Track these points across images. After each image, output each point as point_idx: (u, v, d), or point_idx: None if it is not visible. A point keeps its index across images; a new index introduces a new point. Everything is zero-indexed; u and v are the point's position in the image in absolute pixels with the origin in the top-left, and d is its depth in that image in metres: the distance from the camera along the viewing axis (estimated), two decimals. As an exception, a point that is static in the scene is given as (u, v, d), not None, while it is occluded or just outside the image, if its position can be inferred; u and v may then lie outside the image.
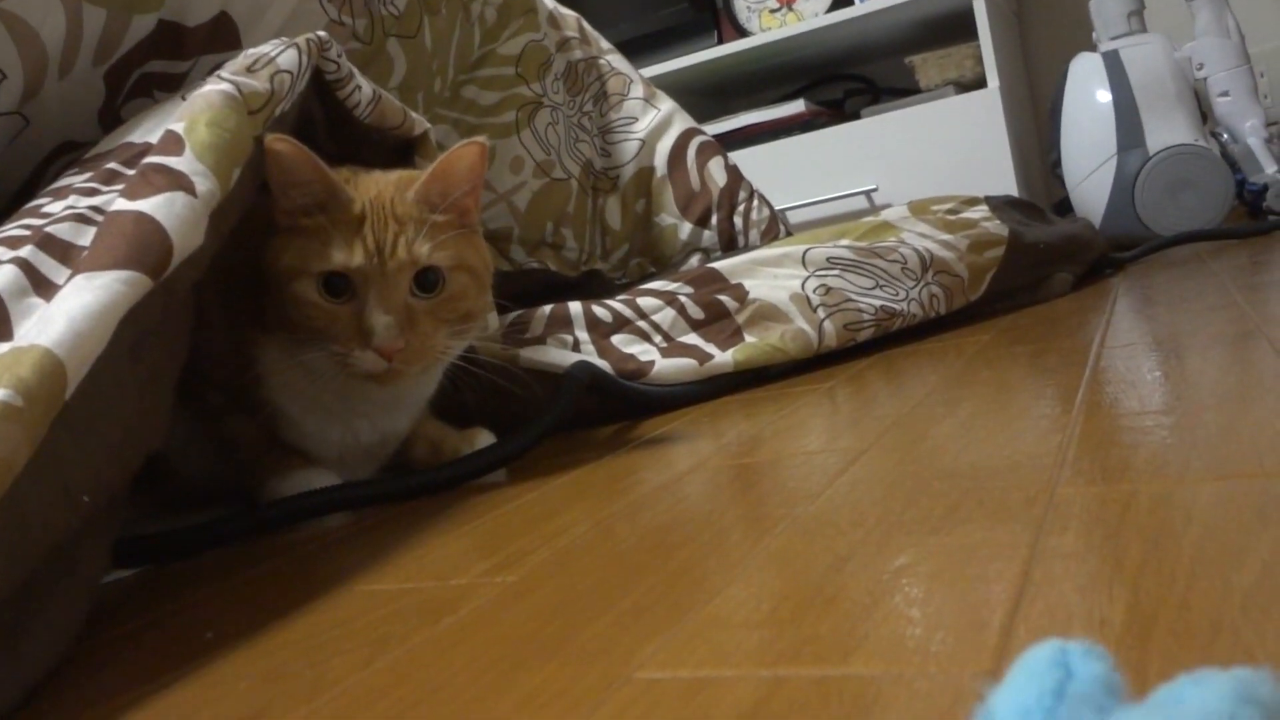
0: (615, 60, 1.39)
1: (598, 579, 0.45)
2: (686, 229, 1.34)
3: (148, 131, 0.69)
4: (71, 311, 0.50)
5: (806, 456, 0.61)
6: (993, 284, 1.09)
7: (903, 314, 1.02)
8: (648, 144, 1.36)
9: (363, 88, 0.78)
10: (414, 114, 0.83)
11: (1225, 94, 1.62)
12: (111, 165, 0.65)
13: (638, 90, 1.38)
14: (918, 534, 0.42)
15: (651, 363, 0.93)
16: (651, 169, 1.35)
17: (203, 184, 0.60)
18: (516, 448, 0.76)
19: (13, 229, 0.59)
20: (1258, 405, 0.52)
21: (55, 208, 0.61)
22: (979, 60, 1.84)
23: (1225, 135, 1.65)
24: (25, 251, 0.56)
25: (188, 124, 0.63)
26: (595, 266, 1.30)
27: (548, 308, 0.95)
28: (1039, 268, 1.17)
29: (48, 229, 0.58)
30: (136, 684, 0.43)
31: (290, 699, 0.38)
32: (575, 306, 0.95)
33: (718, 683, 0.31)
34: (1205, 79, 1.63)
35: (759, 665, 0.32)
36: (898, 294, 1.02)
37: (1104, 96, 1.61)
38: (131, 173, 0.61)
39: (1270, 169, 1.57)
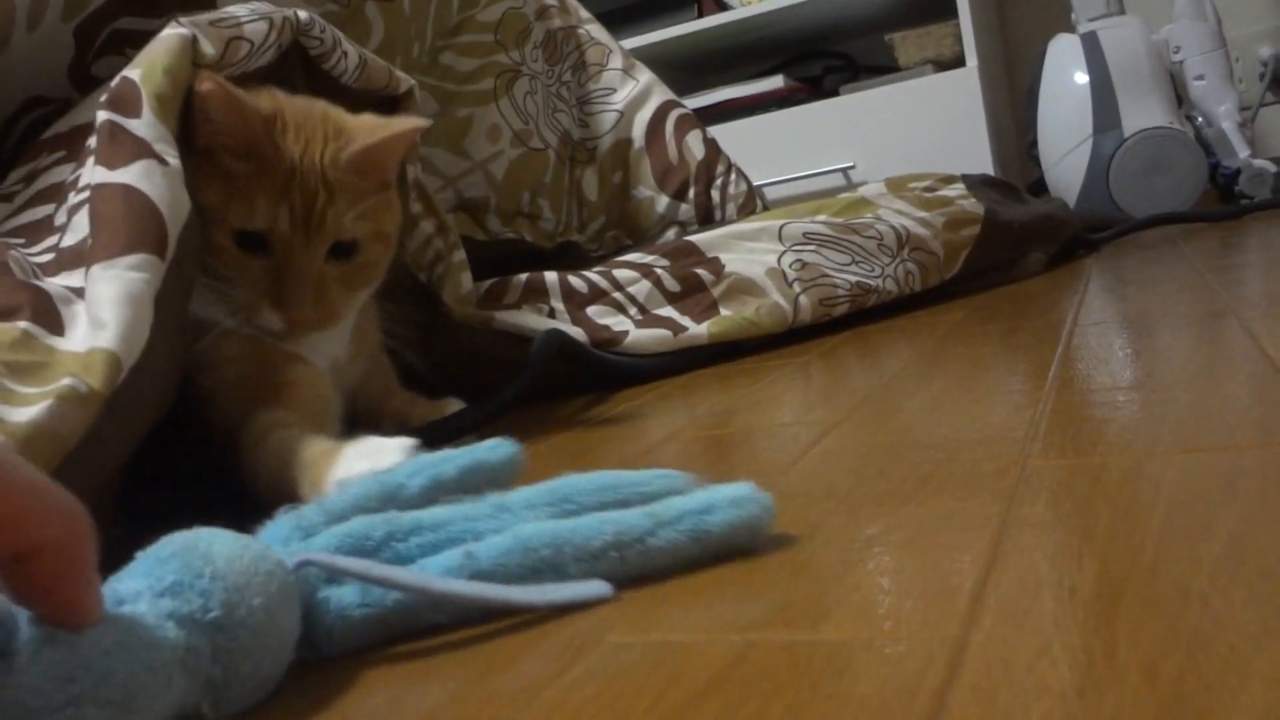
0: (594, 30, 1.38)
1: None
2: (663, 202, 1.33)
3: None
4: (121, 313, 0.52)
5: (779, 428, 0.61)
6: (968, 262, 1.09)
7: (878, 290, 1.02)
8: (626, 115, 1.35)
9: (349, 54, 0.77)
10: (398, 72, 0.82)
11: (1201, 78, 1.63)
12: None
13: (616, 61, 1.37)
14: (889, 504, 0.42)
15: (625, 332, 0.93)
16: (629, 141, 1.34)
17: (169, 154, 0.60)
18: (483, 413, 0.76)
19: (41, 254, 0.60)
20: (1227, 381, 0.53)
21: (61, 217, 0.61)
22: (958, 39, 1.84)
23: (1200, 119, 1.66)
24: (60, 278, 0.57)
25: (145, 70, 0.62)
26: (571, 238, 1.29)
27: (524, 276, 0.94)
28: (1014, 247, 1.17)
29: (62, 244, 0.59)
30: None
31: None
32: (551, 276, 0.95)
33: (688, 647, 0.31)
34: (1181, 62, 1.64)
35: (729, 630, 0.32)
36: (873, 270, 1.03)
37: (1081, 78, 1.61)
38: (94, 140, 0.60)
39: (1243, 153, 1.58)
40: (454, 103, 1.17)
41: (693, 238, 1.03)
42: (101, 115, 0.60)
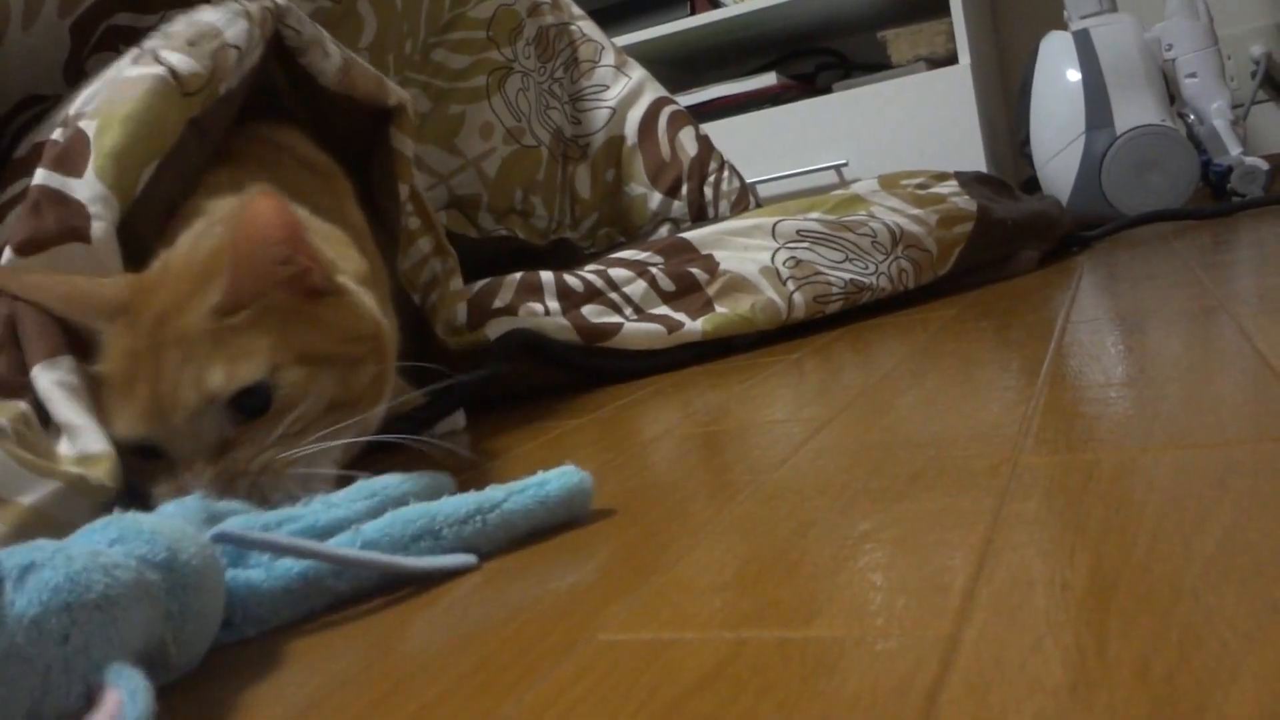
0: (587, 26, 1.38)
1: (559, 543, 0.44)
2: (656, 199, 1.33)
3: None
4: (83, 412, 0.52)
5: (772, 425, 0.61)
6: (960, 259, 1.09)
7: (872, 287, 1.02)
8: (618, 112, 1.34)
9: (331, 55, 0.76)
10: (391, 84, 0.81)
11: (1193, 75, 1.63)
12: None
13: (609, 58, 1.37)
14: (882, 501, 0.42)
15: (620, 324, 0.92)
16: (622, 138, 1.34)
17: (100, 219, 0.59)
18: (441, 409, 0.75)
19: None
20: (1219, 378, 0.53)
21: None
22: (951, 36, 1.84)
23: (1192, 116, 1.66)
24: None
25: (101, 123, 0.61)
26: (564, 235, 1.29)
27: (518, 275, 0.94)
28: (1006, 244, 1.17)
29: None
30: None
31: (241, 663, 0.37)
32: (547, 275, 0.94)
33: (680, 644, 0.31)
34: (1174, 60, 1.64)
35: (722, 627, 0.32)
36: (867, 267, 1.02)
37: (1073, 75, 1.61)
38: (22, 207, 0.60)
39: (1235, 150, 1.58)
40: (446, 100, 1.17)
41: (686, 235, 1.03)
42: (39, 178, 0.59)
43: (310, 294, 0.54)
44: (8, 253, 0.58)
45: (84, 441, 0.51)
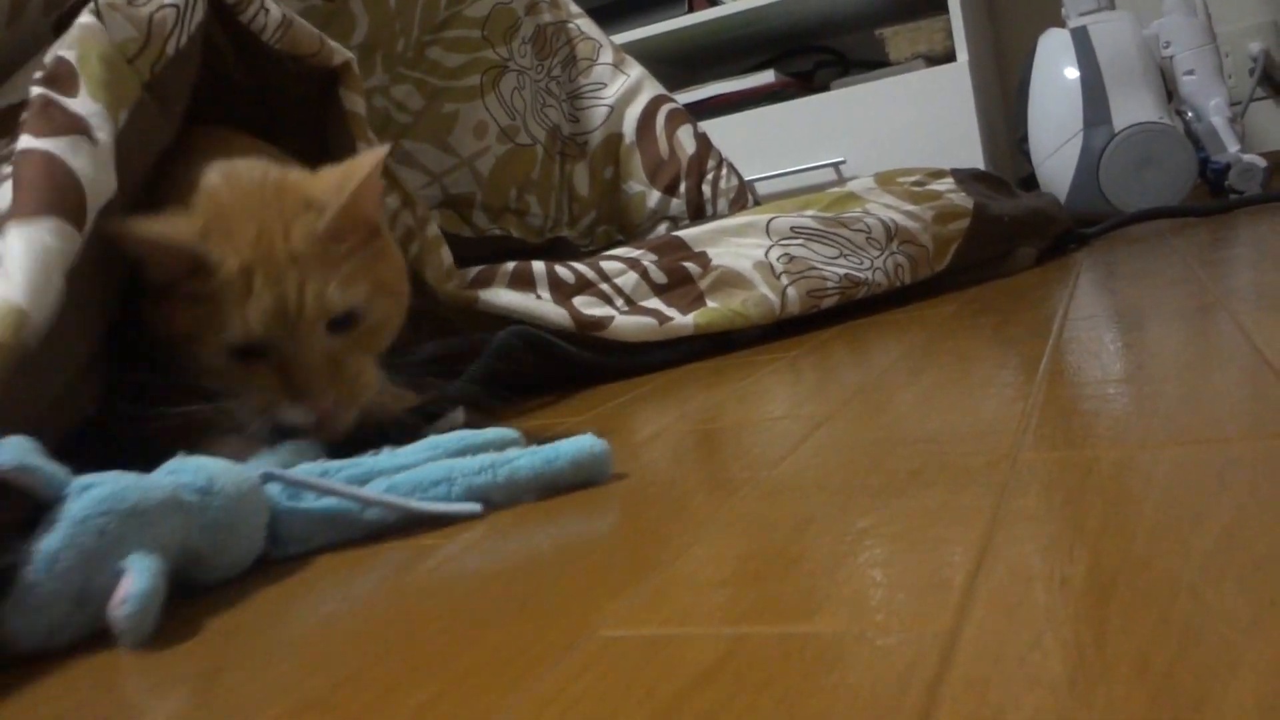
0: (585, 24, 1.37)
1: (561, 541, 0.44)
2: (655, 197, 1.33)
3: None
4: (27, 267, 0.51)
5: (770, 423, 0.61)
6: (957, 256, 1.09)
7: (867, 282, 1.02)
8: (616, 110, 1.34)
9: (270, 10, 0.74)
10: (331, 42, 0.79)
11: (1191, 72, 1.63)
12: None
13: (607, 56, 1.37)
14: (881, 497, 0.42)
15: (611, 317, 0.92)
16: (620, 135, 1.34)
17: (101, 130, 0.59)
18: (445, 403, 0.76)
19: None
20: (1218, 374, 0.53)
21: None
22: (949, 34, 1.84)
23: (1190, 113, 1.67)
24: None
25: (80, 53, 0.61)
26: (561, 233, 1.29)
27: (511, 264, 0.94)
28: (1004, 241, 1.17)
29: None
30: (93, 642, 0.42)
31: (247, 656, 0.37)
32: (539, 265, 0.95)
33: (680, 640, 0.31)
34: (1171, 57, 1.65)
35: (722, 623, 0.32)
36: (862, 263, 1.03)
37: (1071, 73, 1.62)
38: (26, 114, 0.60)
39: (1233, 148, 1.59)
40: (440, 98, 1.17)
41: (680, 233, 1.03)
42: (36, 90, 0.59)
43: (374, 233, 0.64)
44: (26, 139, 0.56)
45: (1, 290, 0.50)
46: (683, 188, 1.32)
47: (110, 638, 0.40)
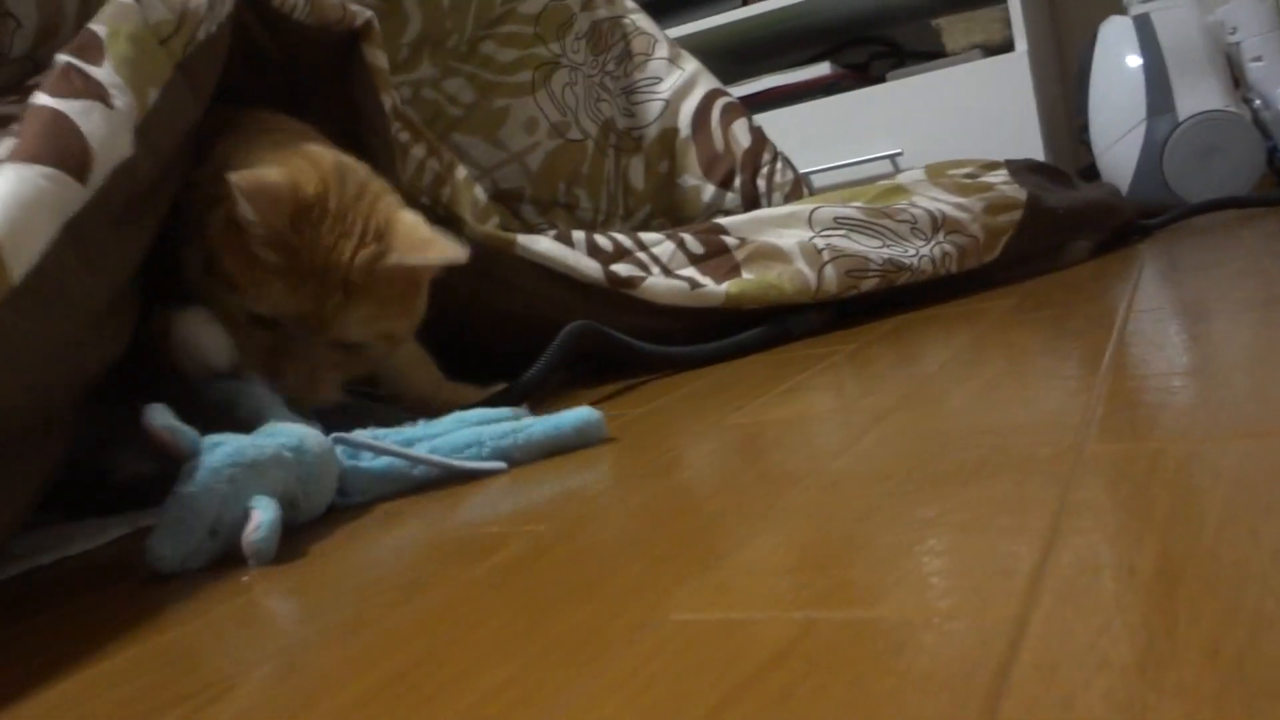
0: (640, 20, 1.38)
1: (627, 529, 0.45)
2: (709, 191, 1.33)
3: None
4: (4, 197, 0.52)
5: (830, 415, 0.61)
6: (1009, 247, 1.08)
7: (911, 269, 1.00)
8: (672, 104, 1.35)
9: None
10: (352, 5, 0.83)
11: (1258, 59, 1.60)
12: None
13: (662, 50, 1.37)
14: (945, 488, 0.42)
15: (643, 277, 0.94)
16: (675, 130, 1.35)
17: (119, 98, 0.61)
18: (515, 395, 0.80)
19: None
20: (1287, 367, 0.52)
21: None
22: (1006, 23, 1.82)
23: (1258, 101, 1.63)
24: None
25: (110, 30, 0.63)
26: (614, 227, 1.30)
27: (552, 231, 0.96)
28: (1058, 233, 1.16)
29: None
30: (182, 619, 0.44)
31: (328, 636, 0.39)
32: (578, 234, 0.96)
33: (750, 624, 0.32)
34: (1238, 43, 1.61)
35: (790, 608, 0.33)
36: (906, 251, 1.02)
37: (1134, 61, 1.59)
38: (45, 77, 0.62)
39: (1302, 136, 1.55)
40: (492, 93, 1.18)
41: (722, 220, 1.04)
42: (62, 58, 0.62)
43: (417, 289, 0.73)
44: (40, 96, 0.59)
45: None
46: (737, 182, 1.33)
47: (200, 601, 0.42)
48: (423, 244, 0.69)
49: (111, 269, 0.60)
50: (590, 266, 0.93)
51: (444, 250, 0.69)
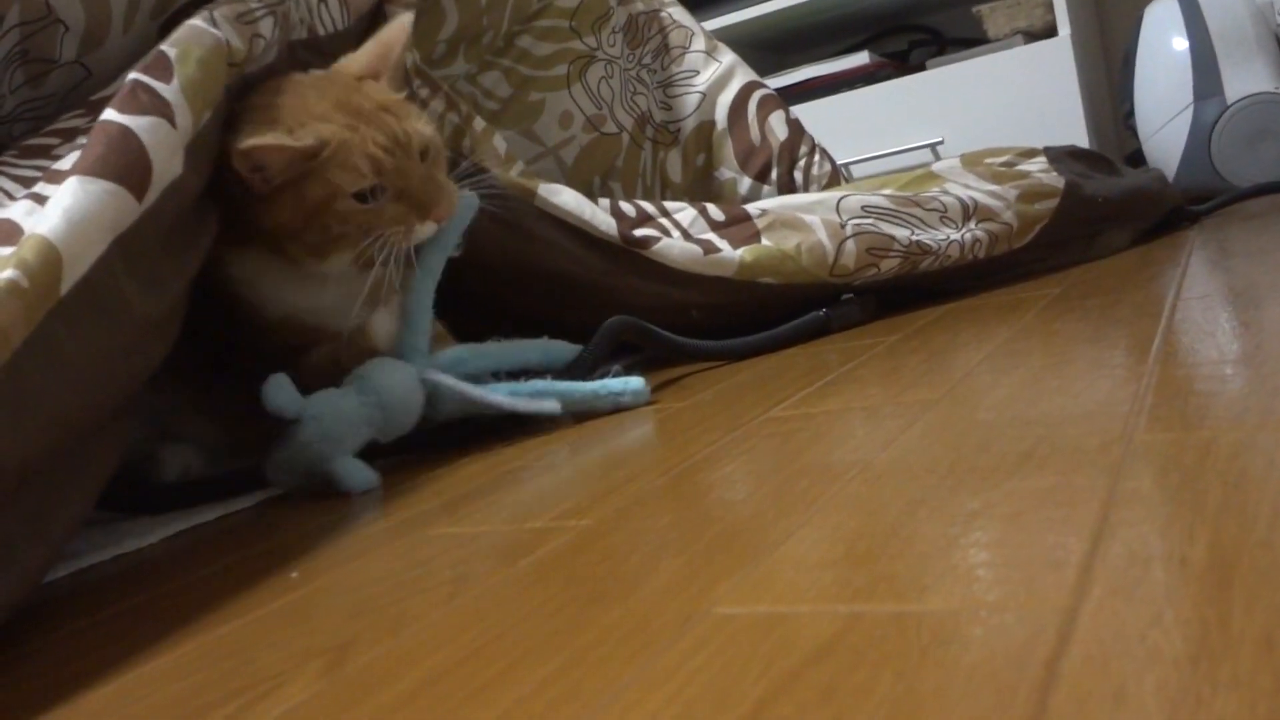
0: (677, 13, 1.38)
1: (670, 523, 0.45)
2: (746, 183, 1.33)
3: None
4: (68, 208, 0.54)
5: (874, 407, 0.61)
6: (1042, 233, 1.06)
7: (937, 252, 0.99)
8: (708, 97, 1.35)
9: (329, 3, 0.82)
10: None
11: (1309, 39, 1.56)
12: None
13: (699, 43, 1.37)
14: (992, 479, 0.42)
15: (658, 238, 0.94)
16: (712, 123, 1.34)
17: (182, 118, 0.63)
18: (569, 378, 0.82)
19: (26, 168, 0.63)
20: (1343, 353, 0.51)
21: (62, 150, 0.65)
22: (1049, 8, 1.79)
23: (1309, 82, 1.59)
24: (39, 188, 0.60)
25: (180, 51, 0.66)
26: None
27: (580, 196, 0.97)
28: (1097, 221, 1.14)
29: (54, 166, 0.62)
30: (232, 616, 0.45)
31: (375, 632, 0.39)
32: (604, 200, 0.97)
33: (795, 617, 0.32)
34: (1288, 24, 1.57)
35: (835, 601, 0.33)
36: (936, 235, 1.01)
37: (1180, 44, 1.56)
38: (114, 92, 0.64)
39: (1356, 117, 1.51)
40: (528, 86, 1.19)
41: (748, 206, 1.03)
42: (132, 75, 0.64)
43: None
44: (110, 112, 0.60)
45: (35, 225, 0.52)
46: (774, 174, 1.32)
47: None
48: (379, 49, 0.78)
49: (162, 281, 0.61)
50: (605, 222, 0.94)
51: (391, 31, 0.78)
